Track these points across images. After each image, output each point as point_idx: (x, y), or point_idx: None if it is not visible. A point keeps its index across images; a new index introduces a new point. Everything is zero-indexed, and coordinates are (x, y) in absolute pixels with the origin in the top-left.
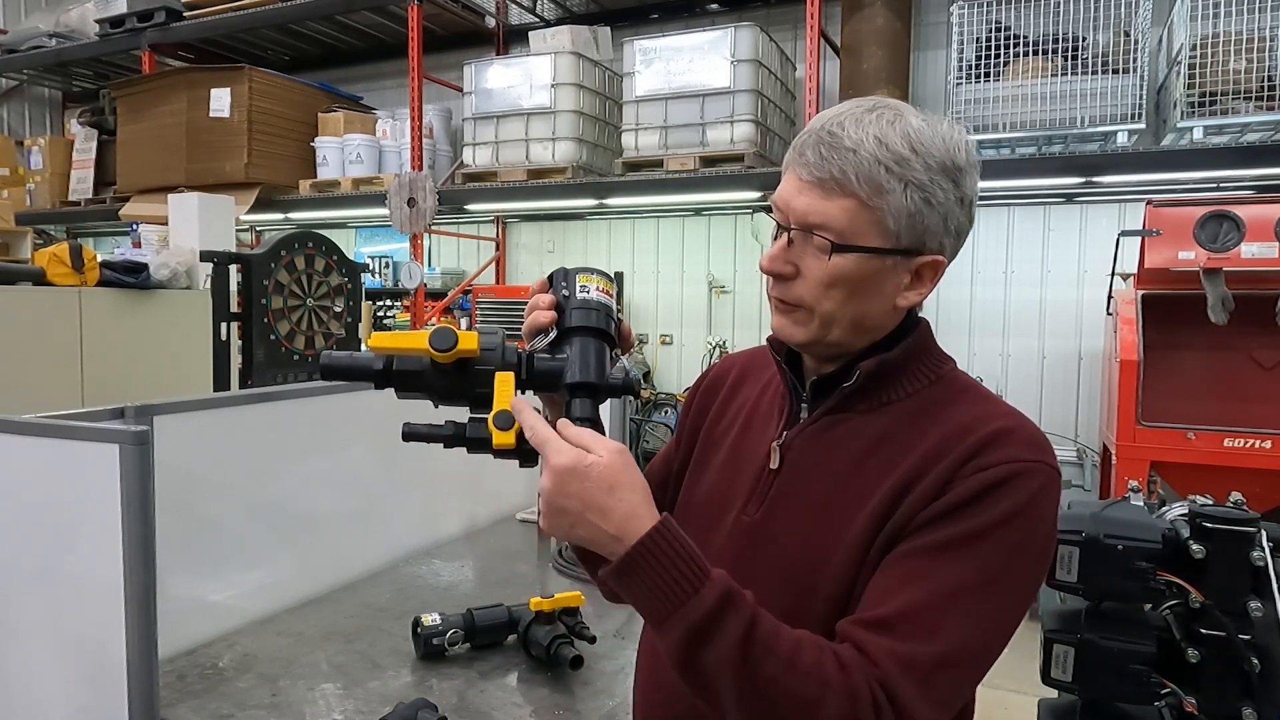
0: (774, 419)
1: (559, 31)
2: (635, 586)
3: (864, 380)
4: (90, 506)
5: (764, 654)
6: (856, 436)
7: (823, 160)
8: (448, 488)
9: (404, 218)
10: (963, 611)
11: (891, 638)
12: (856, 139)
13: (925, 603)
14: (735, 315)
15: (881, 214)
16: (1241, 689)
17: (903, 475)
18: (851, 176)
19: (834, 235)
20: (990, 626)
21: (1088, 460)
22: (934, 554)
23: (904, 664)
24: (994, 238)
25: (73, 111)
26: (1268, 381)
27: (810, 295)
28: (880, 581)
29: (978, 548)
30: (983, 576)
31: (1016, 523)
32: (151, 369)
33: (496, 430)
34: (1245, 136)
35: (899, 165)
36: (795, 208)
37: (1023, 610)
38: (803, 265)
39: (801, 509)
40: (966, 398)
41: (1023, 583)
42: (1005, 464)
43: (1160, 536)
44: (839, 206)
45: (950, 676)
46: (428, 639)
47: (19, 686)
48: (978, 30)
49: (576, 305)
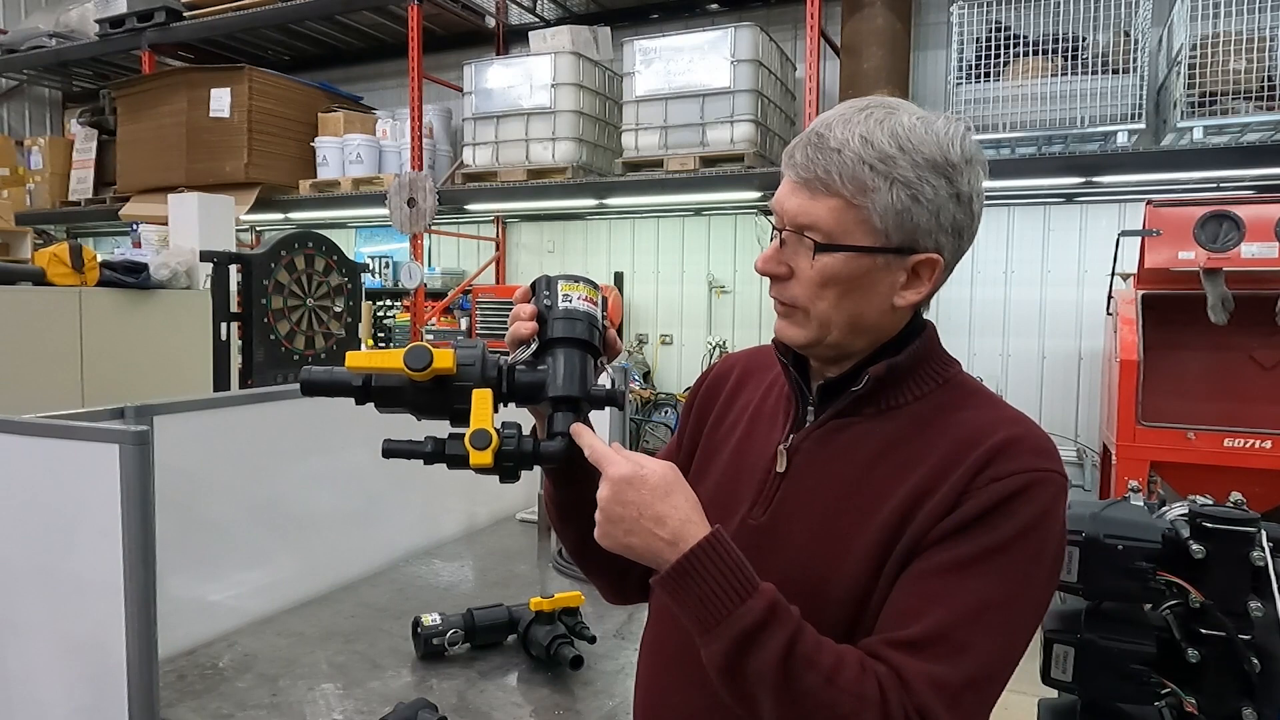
0: (779, 421)
1: (559, 31)
2: (688, 591)
3: (872, 385)
4: (90, 507)
5: (805, 666)
6: (865, 441)
7: (809, 161)
8: (447, 488)
9: (404, 218)
10: (988, 628)
11: (923, 659)
12: (842, 139)
13: (953, 622)
14: (735, 315)
15: (868, 212)
16: (1241, 689)
17: (915, 485)
18: (835, 176)
19: (821, 235)
20: (1013, 640)
21: (1088, 460)
22: (956, 571)
23: (936, 686)
24: (994, 238)
25: (73, 111)
26: (1268, 381)
27: (804, 296)
28: (903, 600)
29: (998, 563)
30: (1005, 592)
31: (1033, 534)
32: (151, 369)
33: (473, 450)
34: (1245, 136)
35: (884, 163)
36: (787, 209)
37: (1039, 620)
38: (796, 266)
39: (810, 514)
40: (974, 402)
41: (1040, 592)
42: (1018, 474)
43: (1160, 536)
44: (825, 206)
45: (978, 694)
46: (428, 639)
47: (19, 686)
48: (978, 30)
49: (559, 315)
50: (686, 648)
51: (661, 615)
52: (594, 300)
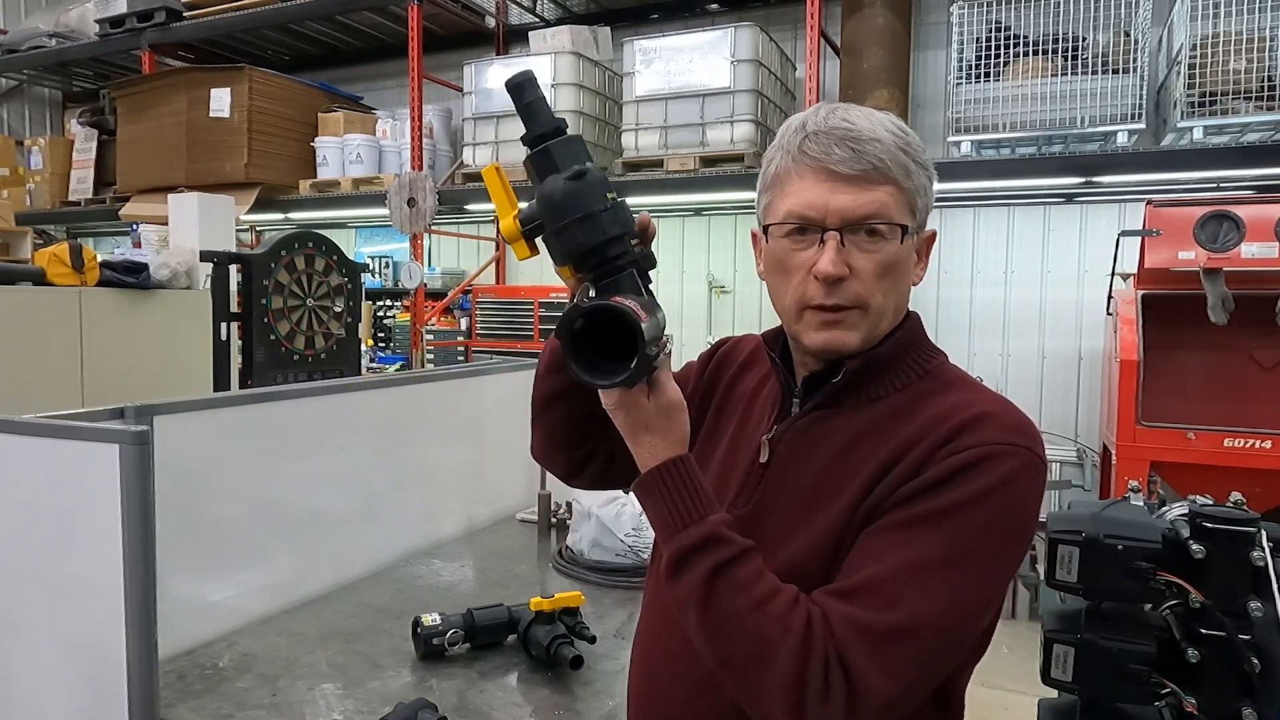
0: (767, 413)
1: (559, 31)
2: (655, 499)
3: (852, 377)
4: (90, 506)
5: (734, 591)
6: (843, 430)
7: (855, 155)
8: (448, 488)
9: (404, 218)
10: (924, 585)
11: (850, 604)
12: (870, 129)
13: (887, 575)
14: (735, 315)
15: (911, 194)
16: (1241, 689)
17: (882, 460)
18: (888, 163)
19: (885, 221)
20: (956, 603)
21: (1088, 460)
22: (901, 529)
23: (858, 630)
24: (994, 238)
25: (73, 111)
26: (1268, 381)
27: (866, 291)
28: (852, 558)
29: (944, 524)
30: (949, 553)
31: (987, 502)
32: (151, 369)
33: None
34: (1245, 136)
35: (910, 148)
36: (835, 206)
37: (996, 591)
38: (853, 263)
39: (788, 502)
40: (953, 389)
41: (991, 563)
42: (979, 446)
43: (1160, 536)
44: (885, 193)
45: (908, 648)
46: (428, 639)
47: (19, 686)
48: (978, 30)
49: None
50: (676, 643)
51: (652, 611)
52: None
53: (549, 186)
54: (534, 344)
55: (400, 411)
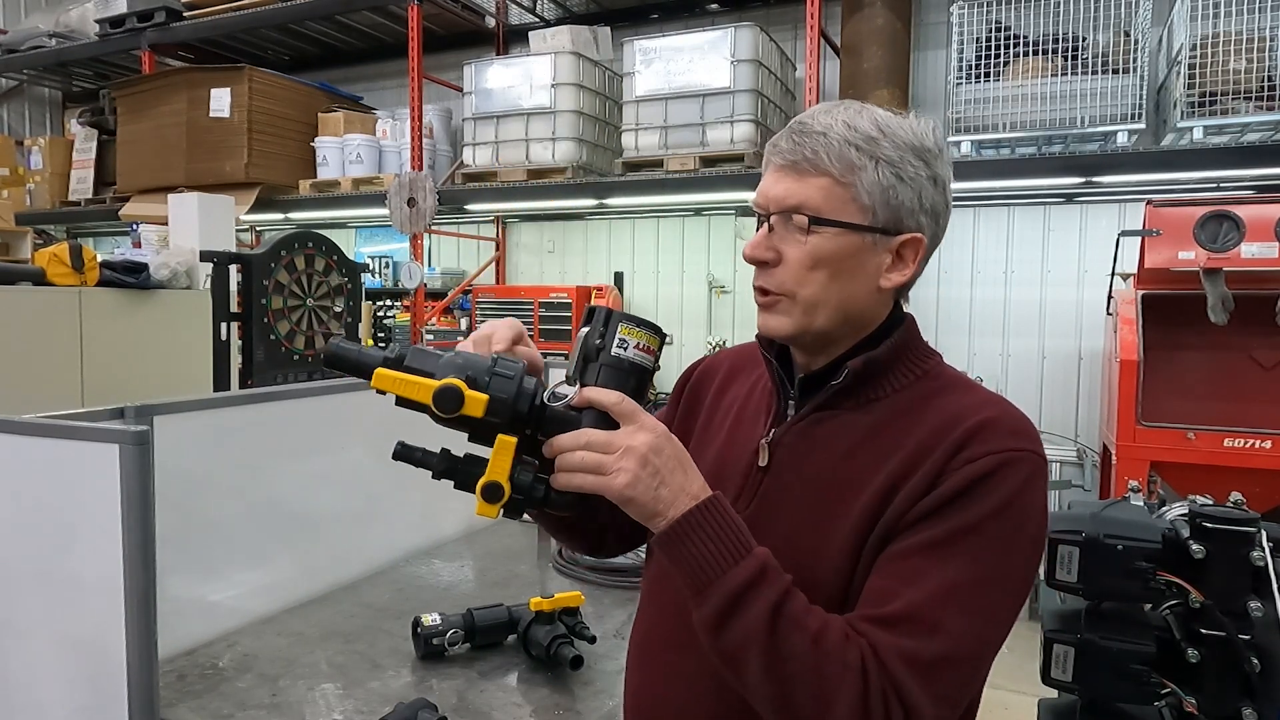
0: (762, 416)
1: (559, 31)
2: (689, 545)
3: (851, 378)
4: (90, 506)
5: (792, 627)
6: (844, 433)
7: (795, 145)
8: (448, 487)
9: (404, 218)
10: (960, 608)
11: (894, 634)
12: (825, 124)
13: (923, 602)
14: (735, 315)
15: (855, 190)
16: (1241, 689)
17: (892, 470)
18: (823, 155)
19: (810, 213)
20: (989, 620)
21: (1088, 460)
22: (930, 551)
23: (906, 660)
24: (994, 238)
25: (73, 111)
26: (1268, 381)
27: (793, 279)
28: (879, 580)
29: (971, 543)
30: (978, 572)
31: (1007, 514)
32: (151, 369)
33: (481, 500)
34: (1245, 136)
35: (868, 144)
36: (773, 195)
37: (1020, 601)
38: (784, 250)
39: (791, 505)
40: (951, 390)
41: (1018, 573)
42: (992, 455)
43: (1160, 536)
44: (814, 185)
45: (953, 673)
46: (428, 639)
47: (19, 686)
48: (978, 30)
49: (608, 363)
50: (673, 641)
51: (649, 609)
52: (651, 350)
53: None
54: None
55: (401, 411)
